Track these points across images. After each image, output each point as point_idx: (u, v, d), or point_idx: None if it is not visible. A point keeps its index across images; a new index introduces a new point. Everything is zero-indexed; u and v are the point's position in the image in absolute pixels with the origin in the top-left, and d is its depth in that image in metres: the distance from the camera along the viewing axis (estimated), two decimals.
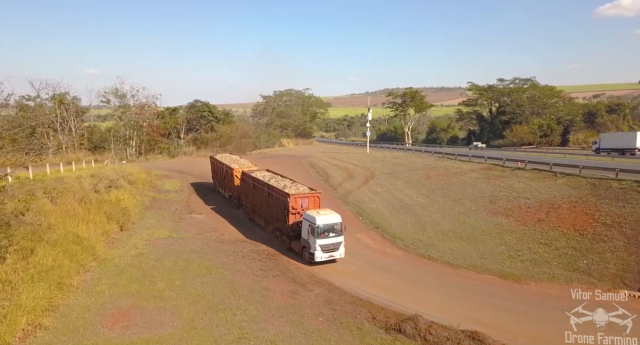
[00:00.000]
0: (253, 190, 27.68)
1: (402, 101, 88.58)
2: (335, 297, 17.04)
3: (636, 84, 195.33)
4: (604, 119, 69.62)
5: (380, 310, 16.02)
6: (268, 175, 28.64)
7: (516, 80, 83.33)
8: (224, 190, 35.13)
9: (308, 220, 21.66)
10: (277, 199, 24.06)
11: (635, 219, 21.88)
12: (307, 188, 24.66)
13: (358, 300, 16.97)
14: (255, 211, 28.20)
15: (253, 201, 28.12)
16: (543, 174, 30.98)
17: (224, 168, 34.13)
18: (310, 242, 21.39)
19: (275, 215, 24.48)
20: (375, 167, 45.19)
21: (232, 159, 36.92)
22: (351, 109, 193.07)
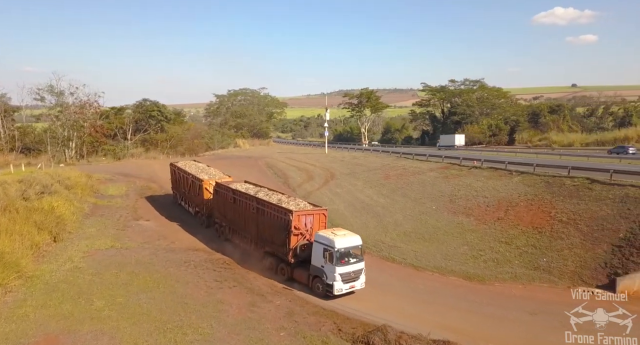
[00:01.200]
0: (233, 206, 23.04)
1: (358, 102, 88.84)
2: (297, 307, 15.80)
3: (569, 87, 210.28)
4: (547, 119, 73.23)
5: (346, 321, 14.97)
6: (252, 187, 24.06)
7: (466, 82, 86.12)
8: (189, 205, 29.96)
9: (322, 243, 17.68)
10: (272, 217, 19.78)
11: (589, 215, 22.41)
12: (308, 204, 20.63)
13: (322, 310, 15.83)
14: (236, 231, 23.09)
15: (233, 219, 23.32)
16: (499, 172, 31.47)
17: (190, 178, 29.04)
18: (326, 271, 17.36)
19: (269, 237, 20.08)
20: (335, 168, 44.41)
21: (198, 167, 31.50)
22: (307, 110, 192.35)
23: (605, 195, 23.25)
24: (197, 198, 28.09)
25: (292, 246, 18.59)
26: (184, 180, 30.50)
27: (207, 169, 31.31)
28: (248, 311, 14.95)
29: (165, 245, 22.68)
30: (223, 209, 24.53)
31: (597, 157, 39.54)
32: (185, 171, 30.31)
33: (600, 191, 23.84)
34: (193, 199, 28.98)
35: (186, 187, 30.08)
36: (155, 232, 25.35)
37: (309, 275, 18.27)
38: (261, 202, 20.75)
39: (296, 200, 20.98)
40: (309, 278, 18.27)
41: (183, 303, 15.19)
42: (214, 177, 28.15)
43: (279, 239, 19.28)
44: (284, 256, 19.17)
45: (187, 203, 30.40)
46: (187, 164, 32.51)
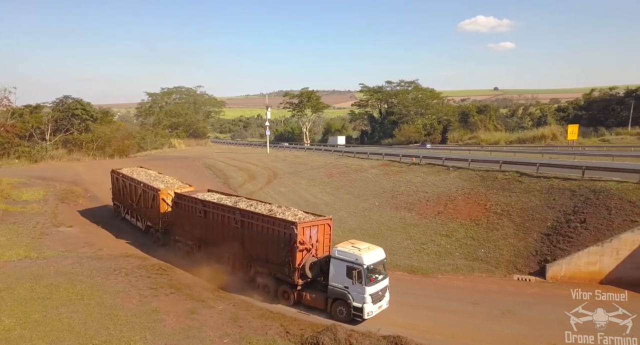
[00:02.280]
0: (204, 220, 19.51)
1: (299, 101, 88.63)
2: (241, 312, 14.80)
3: (492, 90, 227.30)
4: (475, 118, 77.94)
5: (293, 323, 14.26)
6: (224, 197, 20.80)
7: (402, 83, 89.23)
8: (138, 219, 25.68)
9: (346, 259, 15.20)
10: (266, 231, 16.86)
11: (520, 206, 23.72)
12: (305, 213, 17.75)
13: (268, 314, 14.98)
14: (208, 250, 19.41)
15: (204, 236, 19.71)
16: (437, 168, 32.56)
17: (140, 188, 24.82)
18: (352, 292, 15.03)
19: (262, 255, 17.05)
20: (278, 167, 43.57)
21: (149, 175, 27.29)
22: (246, 110, 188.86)
23: (534, 187, 24.80)
24: (150, 211, 23.82)
25: (297, 264, 15.76)
26: (131, 190, 25.95)
27: (160, 176, 26.89)
28: (187, 319, 13.71)
29: (91, 253, 20.45)
30: (188, 225, 20.50)
31: (522, 153, 42.54)
32: (133, 179, 25.85)
33: (529, 183, 25.39)
34: (144, 212, 24.53)
35: (134, 198, 25.56)
36: (79, 239, 22.86)
37: (326, 299, 15.67)
38: (248, 215, 17.46)
39: (291, 210, 17.88)
40: (326, 302, 15.69)
41: (112, 315, 13.58)
42: (172, 186, 24.06)
43: (277, 257, 16.36)
44: (286, 277, 16.22)
45: (135, 217, 25.95)
46: (135, 171, 28.05)
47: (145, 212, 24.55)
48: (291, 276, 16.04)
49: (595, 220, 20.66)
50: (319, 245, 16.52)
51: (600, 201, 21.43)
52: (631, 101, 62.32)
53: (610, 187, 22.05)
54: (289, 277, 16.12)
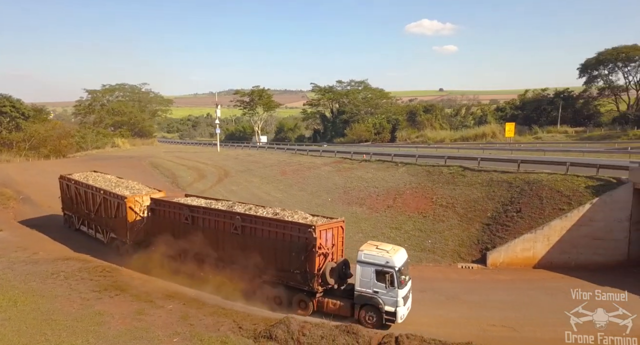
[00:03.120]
0: (190, 228, 17.57)
1: (250, 99, 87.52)
2: (192, 310, 14.44)
3: (438, 91, 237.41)
4: (422, 118, 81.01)
5: (246, 318, 14.13)
6: (213, 201, 18.97)
7: (352, 83, 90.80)
8: (99, 230, 22.87)
9: (374, 263, 14.46)
10: (278, 236, 15.49)
11: (464, 199, 25.03)
12: (310, 215, 16.64)
13: (220, 311, 14.72)
14: (201, 261, 17.28)
15: (193, 245, 17.37)
16: (386, 164, 33.54)
17: (99, 196, 22.03)
18: (383, 297, 14.36)
19: (273, 263, 15.71)
20: (229, 165, 42.83)
21: (108, 180, 24.32)
22: (195, 109, 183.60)
23: (475, 180, 26.25)
24: (114, 221, 21.15)
25: (317, 271, 14.76)
26: (87, 198, 23.13)
27: (123, 181, 24.23)
28: (134, 320, 13.16)
29: (25, 257, 19.01)
30: (169, 234, 18.16)
31: (465, 149, 44.89)
32: (89, 186, 23.02)
33: (471, 177, 26.84)
34: (106, 222, 21.85)
35: (91, 207, 22.80)
36: (10, 243, 21.17)
37: (352, 306, 14.88)
38: (251, 219, 16.05)
39: (299, 213, 16.58)
40: (352, 309, 14.86)
41: (50, 320, 12.74)
42: (140, 191, 21.73)
43: (292, 263, 15.17)
44: (302, 285, 15.13)
45: (95, 228, 23.19)
46: (90, 177, 25.11)
47: (108, 223, 21.73)
48: (309, 284, 14.89)
49: (529, 210, 22.26)
50: (334, 249, 15.70)
51: (534, 192, 23.10)
52: (559, 102, 67.70)
53: (542, 179, 23.81)
54: (307, 284, 14.95)
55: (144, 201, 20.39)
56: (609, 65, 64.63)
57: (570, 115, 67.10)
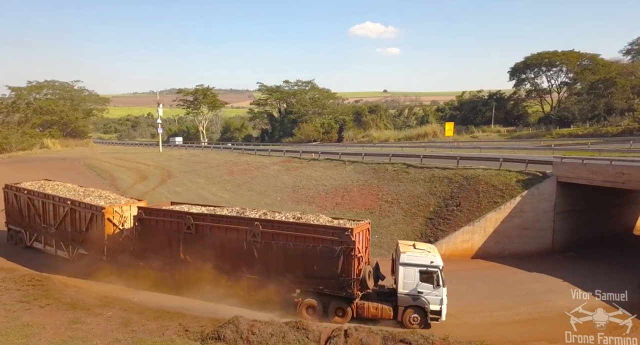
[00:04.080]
0: (192, 238, 16.16)
1: (194, 98, 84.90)
2: (134, 316, 13.76)
3: (382, 92, 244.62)
4: (367, 118, 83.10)
5: (193, 320, 13.70)
6: (218, 209, 17.85)
7: (299, 83, 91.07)
8: (60, 246, 20.06)
9: (418, 264, 14.37)
10: (307, 241, 14.62)
11: (408, 194, 25.99)
12: (332, 218, 16.13)
13: (165, 314, 14.15)
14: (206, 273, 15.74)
15: (195, 257, 16.01)
16: (334, 162, 33.99)
17: (65, 207, 19.43)
18: (428, 297, 14.24)
19: (303, 271, 14.80)
20: (172, 166, 41.25)
21: (73, 190, 21.79)
22: (135, 109, 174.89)
23: (419, 177, 27.34)
24: (85, 235, 18.70)
25: (356, 275, 14.32)
26: (45, 210, 20.43)
27: (91, 190, 21.76)
28: (69, 330, 12.27)
29: None
30: (165, 246, 16.68)
31: (409, 148, 46.62)
32: (49, 196, 20.32)
33: (414, 174, 27.91)
34: (74, 237, 19.31)
35: (51, 220, 20.16)
36: None
37: (395, 308, 14.53)
38: (273, 225, 15.13)
39: (321, 217, 16.03)
40: (395, 311, 14.54)
41: None
42: (117, 201, 19.48)
43: (326, 269, 14.44)
44: (339, 291, 14.45)
45: (55, 244, 20.25)
46: (47, 186, 22.37)
47: (76, 237, 19.22)
48: (347, 289, 14.31)
49: (467, 203, 23.58)
50: (366, 252, 15.47)
51: (471, 186, 24.49)
52: (493, 103, 72.51)
53: (479, 174, 25.31)
54: (344, 290, 14.34)
55: (124, 212, 18.32)
56: (534, 69, 70.27)
57: (502, 116, 72.05)
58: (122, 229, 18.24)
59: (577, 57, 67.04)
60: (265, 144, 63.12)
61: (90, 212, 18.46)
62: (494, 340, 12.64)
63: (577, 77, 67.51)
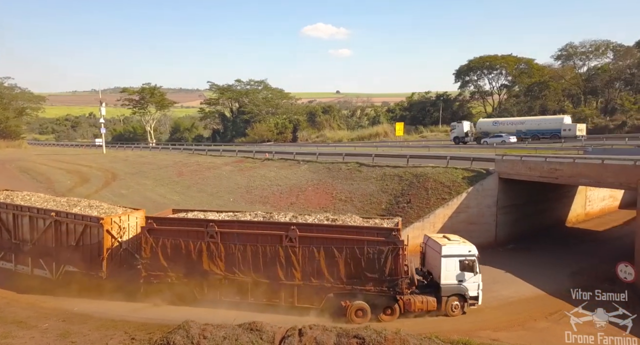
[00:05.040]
0: (218, 247, 15.18)
1: (141, 98, 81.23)
2: (74, 326, 12.87)
3: (335, 93, 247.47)
4: (321, 118, 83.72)
5: (140, 328, 13.07)
6: (240, 214, 17.03)
7: (252, 82, 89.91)
8: (37, 265, 17.53)
9: (457, 254, 15.05)
10: (352, 243, 14.43)
11: (361, 193, 26.39)
12: (362, 218, 16.65)
13: (110, 323, 13.38)
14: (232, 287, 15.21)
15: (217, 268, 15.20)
16: (289, 162, 33.85)
17: (47, 220, 17.21)
18: (467, 284, 14.98)
19: (354, 272, 14.55)
20: (117, 168, 39.20)
21: (53, 200, 19.74)
22: (75, 108, 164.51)
23: (371, 175, 27.86)
24: (75, 250, 16.62)
25: (405, 273, 14.59)
26: (17, 224, 18.07)
27: (75, 199, 19.77)
28: None
29: None
30: (185, 258, 15.38)
31: (361, 147, 47.50)
32: (23, 208, 17.98)
33: (367, 172, 28.40)
34: (59, 253, 17.01)
35: (27, 235, 17.77)
36: None
37: (439, 299, 14.92)
38: (312, 229, 14.83)
39: (353, 217, 16.24)
40: (439, 302, 14.90)
41: None
42: (112, 211, 17.68)
43: (375, 270, 14.40)
44: (388, 290, 14.50)
45: (31, 262, 17.69)
46: (13, 196, 19.76)
47: (62, 254, 16.96)
48: (396, 288, 14.45)
49: (417, 200, 24.32)
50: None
51: (421, 184, 25.31)
52: (440, 104, 75.62)
53: (427, 172, 26.20)
54: (394, 289, 14.45)
55: (122, 222, 16.77)
56: (477, 72, 74.21)
57: (449, 116, 75.26)
58: (121, 241, 16.64)
59: (514, 61, 71.60)
60: (217, 144, 61.66)
61: (82, 223, 16.53)
62: (444, 332, 13.06)
63: (515, 80, 72.09)
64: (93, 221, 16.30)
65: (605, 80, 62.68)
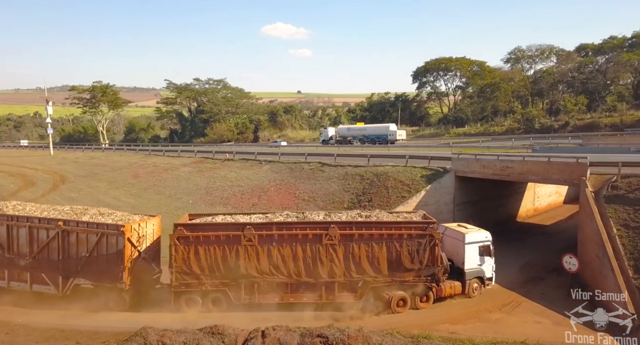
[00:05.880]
0: (260, 250, 15.07)
1: (92, 96, 77.40)
2: (19, 339, 12.09)
3: (296, 93, 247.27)
4: (282, 118, 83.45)
5: (94, 337, 12.48)
6: (262, 216, 16.69)
7: (210, 81, 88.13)
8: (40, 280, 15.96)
9: (477, 241, 16.58)
10: (393, 238, 15.17)
11: (324, 192, 26.48)
12: (389, 213, 17.27)
13: (59, 333, 12.65)
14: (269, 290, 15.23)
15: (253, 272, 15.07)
16: (250, 162, 33.40)
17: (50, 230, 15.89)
18: (484, 268, 16.69)
19: (393, 265, 15.22)
20: (67, 170, 37.13)
21: (54, 209, 17.72)
22: (18, 107, 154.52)
23: (333, 175, 28.03)
24: (88, 261, 15.49)
25: (442, 262, 15.66)
26: (13, 236, 16.29)
27: (85, 208, 17.89)
28: None
29: None
30: (220, 263, 15.12)
31: (324, 147, 47.73)
32: (20, 218, 16.36)
33: (329, 172, 28.55)
34: (67, 265, 15.70)
35: (26, 248, 16.09)
36: None
37: (464, 283, 16.32)
38: (352, 226, 15.19)
39: (381, 212, 16.96)
40: (464, 286, 16.31)
41: None
42: (124, 218, 16.54)
43: (415, 261, 15.24)
44: (426, 279, 15.44)
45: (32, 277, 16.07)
46: (4, 206, 17.69)
47: (71, 266, 15.72)
48: (434, 276, 15.49)
49: (378, 199, 24.73)
50: None
51: (381, 182, 25.76)
52: (399, 104, 77.45)
53: (388, 171, 26.70)
54: (432, 277, 15.47)
55: (141, 229, 15.99)
56: (433, 73, 76.69)
57: (407, 116, 77.38)
58: (140, 250, 15.87)
59: (468, 64, 74.67)
60: (175, 145, 59.81)
61: (97, 232, 15.45)
62: (404, 327, 13.37)
63: (468, 81, 75.17)
64: (111, 229, 15.36)
65: (549, 83, 66.71)
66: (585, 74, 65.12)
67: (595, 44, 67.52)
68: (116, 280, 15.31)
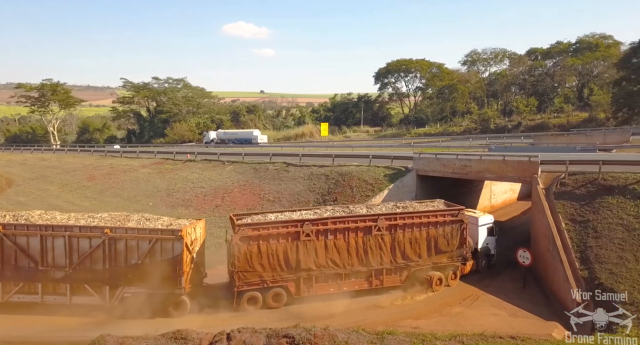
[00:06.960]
0: (317, 244, 16.04)
1: (40, 95, 73.06)
2: None
3: (259, 93, 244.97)
4: (245, 118, 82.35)
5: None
6: (313, 212, 17.29)
7: (170, 80, 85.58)
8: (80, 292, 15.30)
9: (487, 223, 19.60)
10: (430, 226, 17.14)
11: (289, 192, 26.45)
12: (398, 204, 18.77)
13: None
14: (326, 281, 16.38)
15: (312, 265, 16.01)
16: (213, 163, 32.78)
17: (95, 240, 15.08)
18: (490, 246, 19.67)
19: (433, 250, 17.28)
20: (14, 173, 34.94)
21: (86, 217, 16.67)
22: None
23: (298, 175, 28.04)
24: (141, 269, 15.08)
25: (469, 243, 18.12)
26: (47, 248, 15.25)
27: (126, 215, 17.15)
28: None
29: None
30: (281, 259, 15.85)
31: (288, 147, 47.58)
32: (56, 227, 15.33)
33: (294, 172, 28.54)
34: (116, 274, 15.21)
35: (65, 259, 15.19)
36: None
37: (477, 261, 18.93)
38: (397, 217, 16.83)
39: (407, 203, 18.99)
40: (477, 263, 18.97)
41: None
42: (175, 223, 16.25)
43: (450, 245, 17.44)
44: (457, 260, 17.72)
45: (71, 289, 15.34)
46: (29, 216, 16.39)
47: (120, 275, 15.17)
48: (465, 256, 17.85)
49: (343, 198, 25.00)
50: None
51: (346, 182, 26.07)
52: (362, 105, 78.53)
53: (352, 171, 27.07)
54: (463, 258, 17.77)
55: (191, 233, 15.76)
56: (394, 74, 78.35)
57: (370, 117, 78.58)
58: (192, 254, 15.82)
59: (427, 65, 76.85)
60: (133, 146, 57.61)
61: (151, 238, 15.07)
62: (370, 324, 13.62)
63: (428, 83, 77.39)
64: (166, 234, 15.14)
65: (503, 85, 69.98)
66: (535, 77, 68.78)
67: (544, 49, 71.43)
68: (174, 286, 15.18)
